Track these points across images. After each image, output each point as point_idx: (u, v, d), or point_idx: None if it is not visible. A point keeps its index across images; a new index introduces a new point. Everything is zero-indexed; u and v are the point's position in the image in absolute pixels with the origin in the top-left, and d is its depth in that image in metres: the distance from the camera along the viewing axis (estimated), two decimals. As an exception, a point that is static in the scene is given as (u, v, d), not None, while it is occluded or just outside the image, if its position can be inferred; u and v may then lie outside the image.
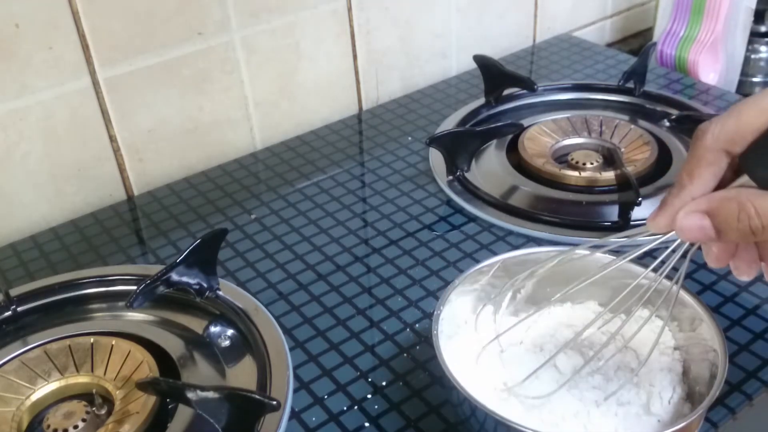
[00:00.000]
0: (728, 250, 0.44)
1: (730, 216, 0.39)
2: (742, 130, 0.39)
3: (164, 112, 0.79)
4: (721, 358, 0.47)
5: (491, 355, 0.53)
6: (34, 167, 0.74)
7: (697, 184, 0.41)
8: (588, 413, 0.48)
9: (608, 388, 0.49)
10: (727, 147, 0.40)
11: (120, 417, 0.51)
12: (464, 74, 1.00)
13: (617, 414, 0.48)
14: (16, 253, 0.71)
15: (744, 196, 0.39)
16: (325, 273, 0.66)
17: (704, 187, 0.41)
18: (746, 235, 0.39)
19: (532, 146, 0.79)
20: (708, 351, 0.49)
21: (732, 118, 0.40)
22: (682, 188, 0.42)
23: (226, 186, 0.79)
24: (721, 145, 0.40)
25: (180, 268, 0.59)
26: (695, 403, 0.48)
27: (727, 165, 0.41)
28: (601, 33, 1.18)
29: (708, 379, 0.48)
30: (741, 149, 0.40)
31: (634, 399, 0.49)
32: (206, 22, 0.78)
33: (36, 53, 0.69)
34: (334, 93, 0.92)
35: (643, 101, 0.89)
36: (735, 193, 0.40)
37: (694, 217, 0.40)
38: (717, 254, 0.44)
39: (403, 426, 0.52)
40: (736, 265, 0.44)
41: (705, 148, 0.41)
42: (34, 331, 0.60)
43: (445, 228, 0.71)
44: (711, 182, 0.41)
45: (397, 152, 0.83)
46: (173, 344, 0.58)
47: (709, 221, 0.40)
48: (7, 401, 0.53)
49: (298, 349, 0.59)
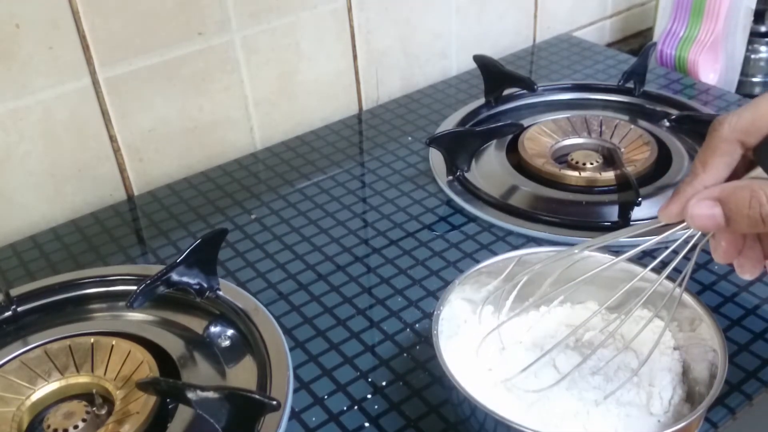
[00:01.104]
0: (735, 245, 0.44)
1: (741, 203, 0.39)
2: (758, 123, 0.40)
3: (164, 112, 0.79)
4: (721, 358, 0.47)
5: (491, 354, 0.53)
6: (34, 167, 0.74)
7: (710, 173, 0.42)
8: (588, 413, 0.48)
9: (608, 388, 0.49)
10: (742, 138, 0.41)
11: (120, 417, 0.51)
12: (464, 74, 1.00)
13: (617, 414, 0.48)
14: (16, 253, 0.71)
15: (756, 184, 0.39)
16: (325, 273, 0.66)
17: (717, 177, 0.42)
18: (756, 223, 0.39)
19: (532, 146, 0.79)
20: (708, 351, 0.49)
21: (749, 111, 0.41)
22: (695, 177, 0.42)
23: (226, 186, 0.79)
24: (737, 135, 0.41)
25: (180, 268, 0.59)
26: (695, 403, 0.48)
27: (740, 156, 0.42)
28: (601, 33, 1.18)
29: (708, 379, 0.48)
30: (755, 141, 0.41)
31: (634, 399, 0.49)
32: (206, 22, 0.78)
33: (36, 53, 0.69)
34: (334, 93, 0.92)
35: (643, 101, 0.89)
36: (747, 182, 0.40)
37: (705, 204, 0.41)
38: (725, 248, 0.44)
39: (403, 426, 0.52)
40: (740, 263, 0.44)
41: (720, 138, 0.41)
42: (35, 331, 0.60)
43: (445, 228, 0.71)
44: (724, 172, 0.42)
45: (397, 152, 0.83)
46: (173, 344, 0.58)
47: (719, 209, 0.40)
48: (7, 401, 0.53)
49: (298, 349, 0.59)
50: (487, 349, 0.52)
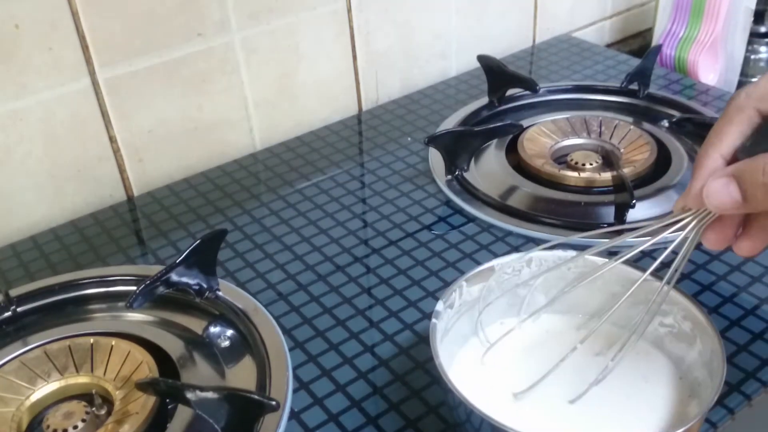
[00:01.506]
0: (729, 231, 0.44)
1: (756, 172, 0.40)
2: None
3: (164, 113, 0.80)
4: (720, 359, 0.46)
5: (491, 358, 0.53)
6: (34, 167, 0.74)
7: (726, 142, 0.43)
8: (585, 414, 0.48)
9: (606, 390, 0.49)
10: (758, 105, 0.42)
11: (120, 417, 0.51)
12: (464, 75, 1.00)
13: (615, 416, 0.48)
14: (16, 254, 0.71)
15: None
16: (324, 273, 0.66)
17: (732, 144, 0.43)
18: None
19: (532, 147, 0.79)
20: (706, 352, 0.49)
21: (765, 78, 0.42)
22: (710, 146, 0.43)
23: (226, 186, 0.80)
24: (753, 103, 0.42)
25: (180, 268, 0.59)
26: (695, 405, 0.48)
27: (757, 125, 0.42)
28: (600, 33, 1.18)
29: (707, 381, 0.48)
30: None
31: (634, 401, 0.49)
32: (206, 23, 0.78)
33: (36, 54, 0.69)
34: (334, 93, 0.92)
35: (647, 103, 0.89)
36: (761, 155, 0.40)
37: (721, 181, 0.41)
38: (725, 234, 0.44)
39: (402, 426, 0.52)
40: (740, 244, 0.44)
41: (737, 107, 0.42)
42: (34, 331, 0.60)
43: (444, 228, 0.71)
44: (739, 140, 0.43)
45: (396, 153, 0.83)
46: (173, 345, 0.58)
47: (735, 185, 0.40)
48: (6, 401, 0.53)
49: (298, 349, 0.59)
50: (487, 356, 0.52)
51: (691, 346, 0.50)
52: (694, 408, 0.47)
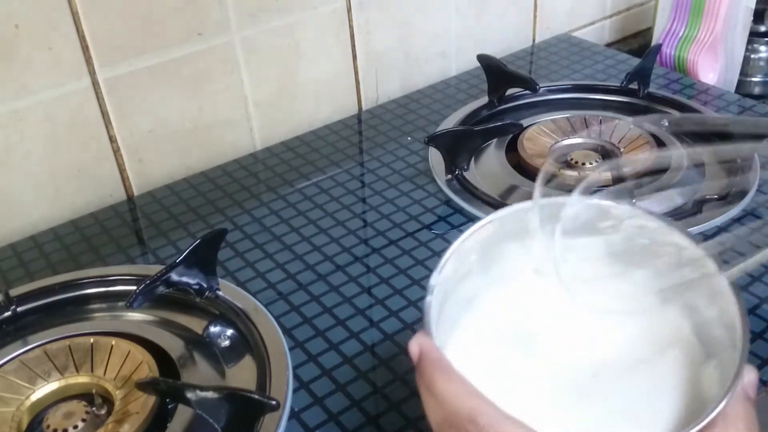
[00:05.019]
0: None
1: None
2: None
3: (164, 113, 0.80)
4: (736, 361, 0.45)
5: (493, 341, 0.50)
6: (34, 167, 0.74)
7: None
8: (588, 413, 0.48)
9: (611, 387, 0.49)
10: None
11: (120, 417, 0.51)
12: (464, 74, 1.00)
13: (621, 415, 0.48)
14: (16, 253, 0.71)
15: None
16: (324, 273, 0.66)
17: None
18: None
19: (532, 146, 0.79)
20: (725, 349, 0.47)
21: None
22: None
23: (226, 186, 0.80)
24: None
25: (180, 268, 0.59)
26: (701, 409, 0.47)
27: None
28: (600, 33, 1.18)
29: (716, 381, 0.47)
30: None
31: (639, 402, 0.48)
32: (206, 23, 0.78)
33: (36, 54, 0.69)
34: (334, 93, 0.92)
35: (647, 103, 0.89)
36: None
37: None
38: None
39: (402, 426, 0.52)
40: None
41: None
42: (34, 331, 0.60)
43: (444, 228, 0.71)
44: None
45: (396, 152, 0.83)
46: (173, 344, 0.58)
47: None
48: (6, 401, 0.53)
49: (298, 349, 0.59)
50: None
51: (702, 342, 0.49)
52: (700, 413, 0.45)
